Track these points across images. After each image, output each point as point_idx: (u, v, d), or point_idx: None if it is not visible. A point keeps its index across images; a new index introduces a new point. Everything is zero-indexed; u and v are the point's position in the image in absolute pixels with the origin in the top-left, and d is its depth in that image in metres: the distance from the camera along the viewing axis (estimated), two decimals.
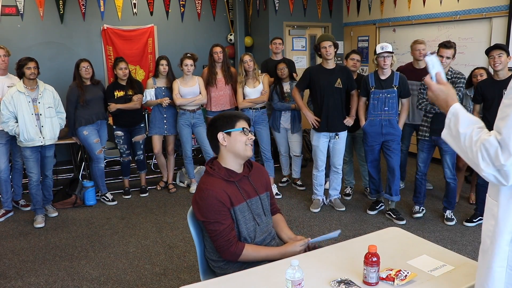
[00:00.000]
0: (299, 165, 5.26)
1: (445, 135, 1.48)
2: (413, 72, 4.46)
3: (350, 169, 5.00)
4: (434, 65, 1.56)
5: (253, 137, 2.12)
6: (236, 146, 2.06)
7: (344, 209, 4.52)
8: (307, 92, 4.59)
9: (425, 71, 4.45)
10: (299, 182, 5.28)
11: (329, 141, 4.39)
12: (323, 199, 4.64)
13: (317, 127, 4.32)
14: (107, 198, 4.89)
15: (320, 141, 4.36)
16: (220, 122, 2.10)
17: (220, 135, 2.07)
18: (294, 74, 5.16)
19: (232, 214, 2.02)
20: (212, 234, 1.99)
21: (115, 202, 4.87)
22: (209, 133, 2.13)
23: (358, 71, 4.77)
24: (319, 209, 4.52)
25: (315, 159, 4.48)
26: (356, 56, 4.66)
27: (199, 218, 2.02)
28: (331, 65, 4.26)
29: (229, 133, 2.06)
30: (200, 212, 2.00)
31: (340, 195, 4.69)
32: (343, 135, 4.38)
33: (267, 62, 5.39)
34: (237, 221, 2.03)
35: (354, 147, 4.91)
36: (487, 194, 1.47)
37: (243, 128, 2.08)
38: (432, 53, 1.59)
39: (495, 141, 1.27)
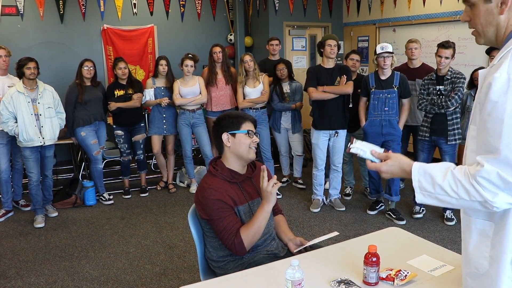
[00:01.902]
0: (301, 164, 5.27)
1: (421, 199, 1.34)
2: (408, 72, 4.44)
3: (350, 169, 5.00)
4: (363, 148, 1.53)
5: (258, 140, 2.09)
6: (239, 148, 2.04)
7: (344, 209, 4.52)
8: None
9: (420, 70, 4.50)
10: (300, 181, 5.27)
11: (329, 139, 4.40)
12: (323, 199, 4.64)
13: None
14: (104, 198, 4.90)
15: (320, 139, 4.36)
16: (225, 122, 2.08)
17: (225, 136, 2.05)
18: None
19: (236, 212, 2.01)
20: (218, 231, 1.97)
21: (112, 202, 4.87)
22: (214, 132, 2.11)
23: (358, 71, 4.77)
24: (319, 209, 4.52)
25: (314, 158, 4.48)
26: (355, 56, 4.66)
27: (203, 216, 2.01)
28: (331, 64, 4.28)
29: (233, 134, 2.05)
30: (204, 210, 2.00)
31: (340, 195, 4.69)
32: (343, 133, 4.39)
33: (265, 63, 5.36)
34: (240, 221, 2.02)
35: None
36: (465, 215, 1.38)
37: (248, 131, 2.06)
38: (351, 142, 1.55)
39: (490, 167, 1.19)
